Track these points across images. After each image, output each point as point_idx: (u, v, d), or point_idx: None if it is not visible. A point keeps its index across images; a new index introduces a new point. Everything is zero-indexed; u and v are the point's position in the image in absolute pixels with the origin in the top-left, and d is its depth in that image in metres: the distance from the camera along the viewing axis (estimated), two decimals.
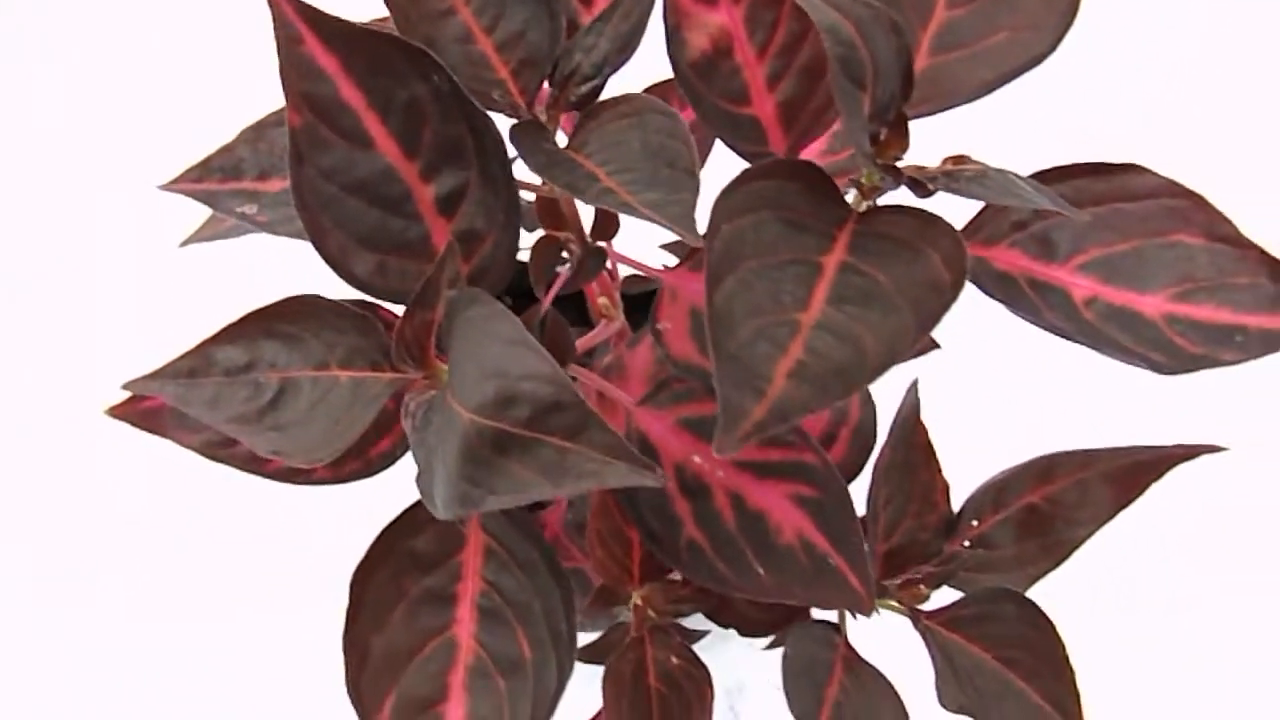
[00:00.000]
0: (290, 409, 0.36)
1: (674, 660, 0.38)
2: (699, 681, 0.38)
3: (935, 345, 0.35)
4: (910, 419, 0.37)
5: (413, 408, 0.34)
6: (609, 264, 0.46)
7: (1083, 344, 0.35)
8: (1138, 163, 0.37)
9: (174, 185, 0.36)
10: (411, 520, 0.35)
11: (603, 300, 0.45)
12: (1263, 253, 0.35)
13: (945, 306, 0.30)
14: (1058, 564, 0.39)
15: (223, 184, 0.36)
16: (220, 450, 0.38)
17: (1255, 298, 0.35)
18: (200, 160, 0.36)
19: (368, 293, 0.34)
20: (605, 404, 0.42)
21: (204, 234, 0.39)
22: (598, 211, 0.41)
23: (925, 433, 0.38)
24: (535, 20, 0.36)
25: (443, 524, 0.36)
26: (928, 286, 0.31)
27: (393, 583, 0.35)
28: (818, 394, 0.29)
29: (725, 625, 0.40)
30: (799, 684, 0.35)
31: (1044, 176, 0.37)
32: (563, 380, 0.29)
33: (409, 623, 0.35)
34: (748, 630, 0.40)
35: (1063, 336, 0.35)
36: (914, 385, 0.38)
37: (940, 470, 0.39)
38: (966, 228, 0.38)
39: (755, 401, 0.28)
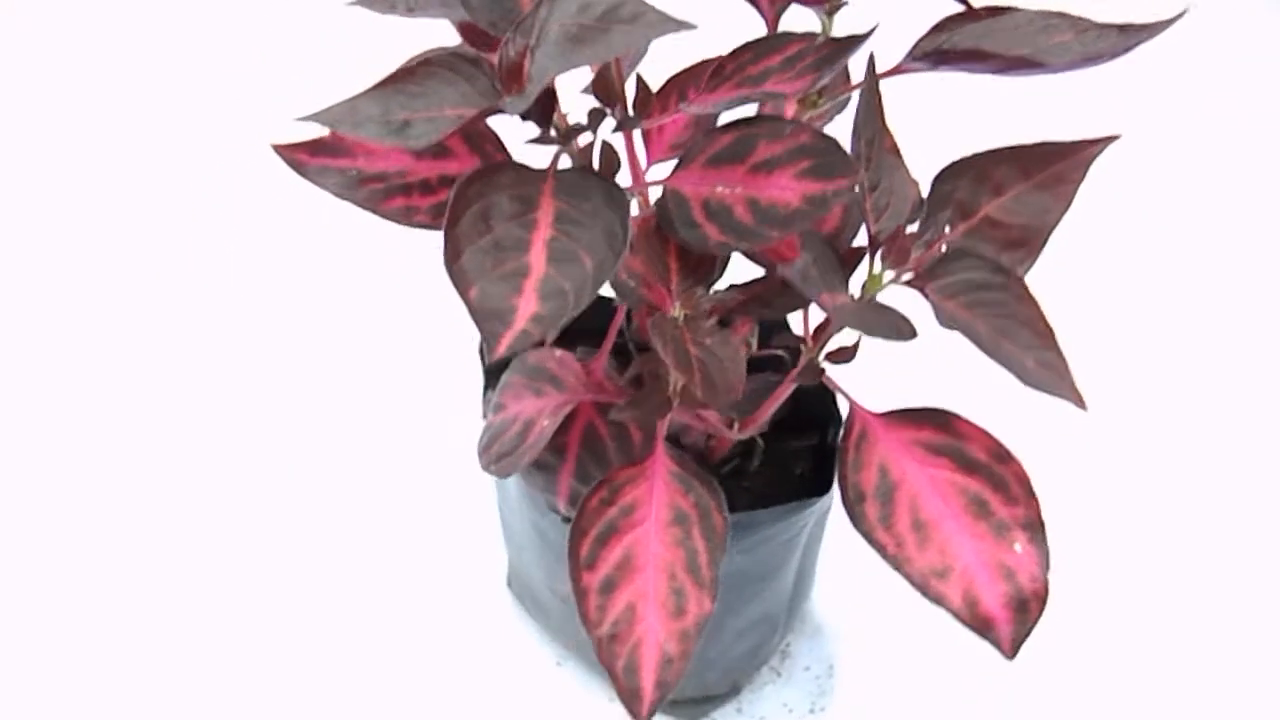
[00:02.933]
0: (412, 136, 0.48)
1: (708, 340, 0.45)
2: (734, 353, 0.44)
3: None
4: (874, 116, 0.47)
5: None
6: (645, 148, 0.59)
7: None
8: (1015, 5, 0.53)
9: None
10: (492, 180, 0.45)
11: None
12: (1113, 26, 0.49)
13: None
14: (1032, 264, 0.47)
15: None
16: (348, 192, 0.49)
17: (1110, 46, 0.49)
18: None
19: (477, 20, 0.48)
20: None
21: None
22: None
23: (892, 137, 0.48)
24: None
25: (520, 189, 0.46)
26: None
27: (481, 218, 0.44)
28: None
29: (747, 312, 0.46)
30: None
31: (954, 19, 0.52)
32: None
33: (491, 251, 0.44)
34: (771, 310, 0.47)
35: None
36: (870, 66, 0.48)
37: (908, 169, 0.48)
38: (913, 47, 0.52)
39: None
